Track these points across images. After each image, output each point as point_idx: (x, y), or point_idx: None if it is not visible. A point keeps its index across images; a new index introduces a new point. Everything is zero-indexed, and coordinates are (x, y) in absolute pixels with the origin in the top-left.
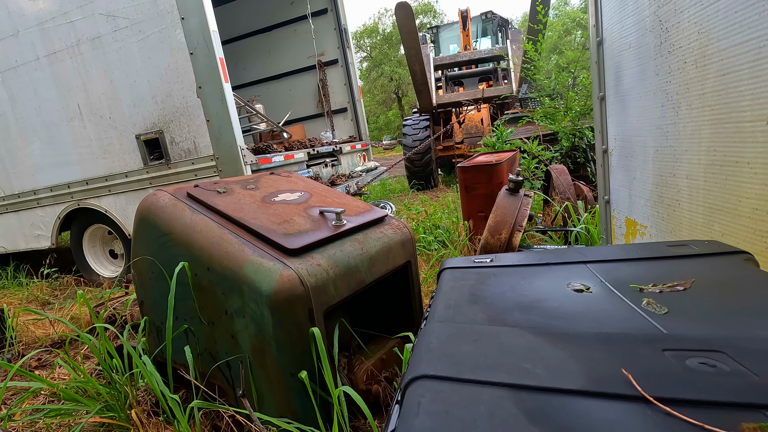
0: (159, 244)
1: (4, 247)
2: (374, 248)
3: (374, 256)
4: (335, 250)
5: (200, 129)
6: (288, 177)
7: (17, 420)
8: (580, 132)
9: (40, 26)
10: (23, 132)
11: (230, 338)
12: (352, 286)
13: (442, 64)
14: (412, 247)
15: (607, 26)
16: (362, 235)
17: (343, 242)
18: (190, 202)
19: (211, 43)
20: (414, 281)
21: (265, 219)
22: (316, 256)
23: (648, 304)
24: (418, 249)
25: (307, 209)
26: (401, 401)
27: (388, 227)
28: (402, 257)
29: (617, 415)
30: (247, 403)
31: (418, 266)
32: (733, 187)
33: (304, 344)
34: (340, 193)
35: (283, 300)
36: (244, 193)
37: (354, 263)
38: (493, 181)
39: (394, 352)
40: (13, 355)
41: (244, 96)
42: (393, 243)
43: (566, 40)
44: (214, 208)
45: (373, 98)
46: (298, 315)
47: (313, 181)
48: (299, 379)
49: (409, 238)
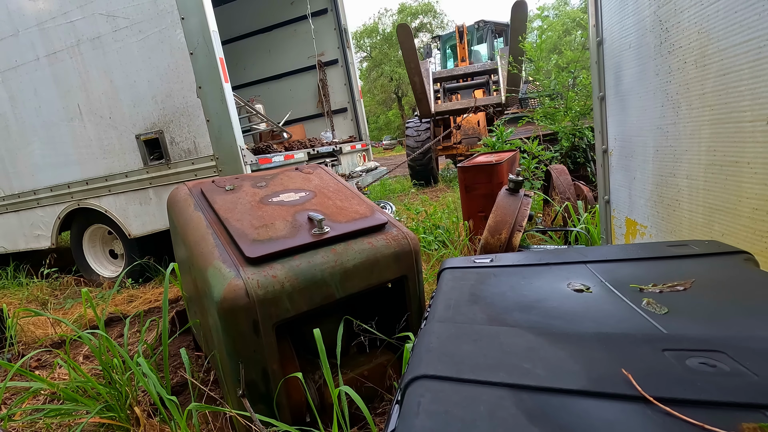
0: (174, 237)
1: (4, 247)
2: (353, 261)
3: (350, 269)
4: (302, 260)
5: (200, 129)
6: (308, 174)
7: (17, 420)
8: (580, 132)
9: (40, 26)
10: (23, 132)
11: (211, 336)
12: (315, 300)
13: (440, 77)
14: (412, 261)
15: (607, 26)
16: (343, 245)
17: (316, 252)
18: (198, 197)
19: (211, 43)
20: (411, 297)
21: (247, 222)
22: (275, 266)
23: (648, 304)
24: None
25: (298, 213)
26: (401, 401)
27: (381, 237)
28: (394, 271)
29: (617, 415)
30: (247, 403)
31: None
32: (733, 187)
33: (248, 353)
34: (351, 194)
35: (227, 309)
36: (249, 191)
37: (320, 276)
38: (493, 181)
39: (380, 367)
40: (13, 355)
41: (244, 96)
42: (381, 255)
43: (566, 40)
44: (212, 206)
45: (373, 98)
46: (241, 325)
47: (332, 178)
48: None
49: (407, 251)
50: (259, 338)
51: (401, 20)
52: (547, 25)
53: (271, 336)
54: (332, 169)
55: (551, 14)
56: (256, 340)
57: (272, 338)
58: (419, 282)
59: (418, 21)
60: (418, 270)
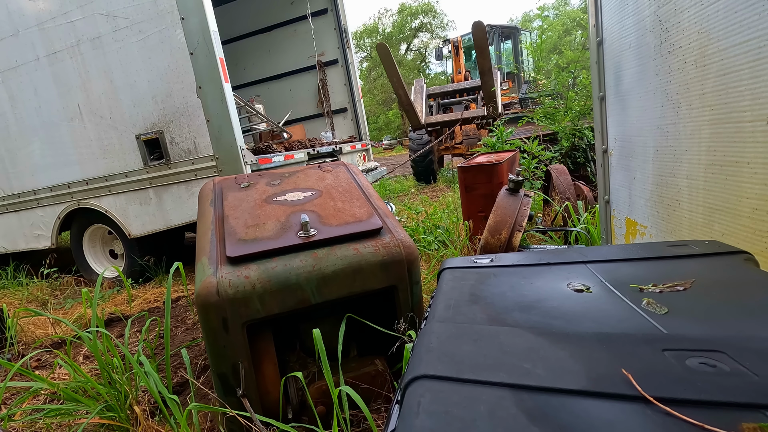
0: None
1: (4, 247)
2: (333, 266)
3: (329, 275)
4: (279, 263)
5: (200, 129)
6: (326, 172)
7: (17, 420)
8: (580, 132)
9: (40, 26)
10: (23, 132)
11: None
12: (288, 303)
13: (433, 93)
14: (403, 271)
15: (607, 26)
16: (326, 250)
17: (296, 256)
18: (217, 193)
19: (211, 43)
20: (402, 309)
21: (242, 220)
22: (251, 267)
23: (648, 304)
24: (418, 249)
25: (294, 213)
26: (401, 401)
27: (369, 243)
28: (381, 281)
29: (617, 415)
30: (247, 403)
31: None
32: (733, 187)
33: (218, 348)
34: (357, 196)
35: (200, 305)
36: (260, 189)
37: (295, 280)
38: (493, 181)
39: (367, 375)
40: (13, 355)
41: (244, 96)
42: (366, 263)
43: (566, 40)
44: (222, 202)
45: (373, 98)
46: (212, 321)
47: (349, 177)
48: (217, 377)
49: (398, 260)
50: (228, 335)
51: (401, 20)
52: (547, 25)
53: (240, 334)
54: (358, 167)
55: (551, 14)
56: (226, 337)
57: (241, 336)
58: (413, 293)
59: (418, 21)
60: (412, 281)
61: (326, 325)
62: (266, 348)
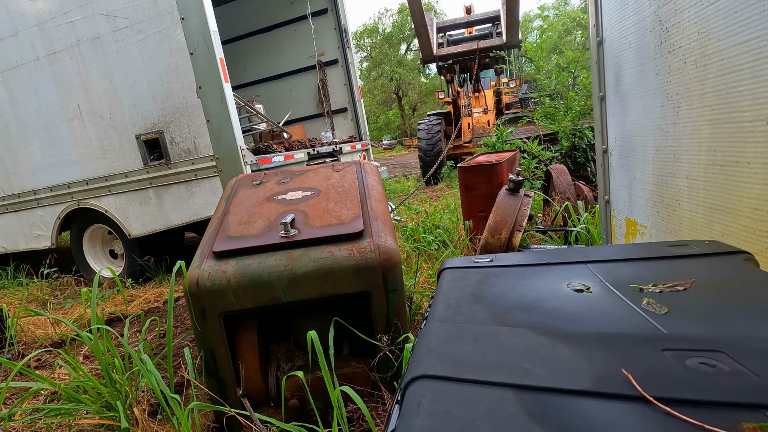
0: None
1: (4, 247)
2: (305, 268)
3: (300, 276)
4: (255, 261)
5: (200, 129)
6: (336, 171)
7: (17, 420)
8: (580, 132)
9: (40, 26)
10: (23, 132)
11: None
12: (260, 299)
13: (443, 26)
14: (377, 277)
15: (607, 26)
16: (302, 251)
17: (272, 255)
18: (234, 189)
19: (211, 43)
20: (377, 315)
21: (238, 218)
22: (230, 263)
23: (648, 304)
24: (418, 249)
25: (286, 213)
26: (401, 401)
27: (345, 247)
28: (353, 285)
29: (617, 415)
30: (247, 402)
31: (403, 281)
32: (733, 187)
33: (198, 334)
34: (352, 197)
35: (186, 293)
36: (268, 187)
37: (267, 278)
38: (493, 181)
39: (344, 376)
40: (13, 355)
41: (244, 96)
42: (339, 267)
43: (566, 40)
44: (232, 198)
45: (373, 98)
46: (194, 309)
47: (355, 177)
48: (203, 358)
49: (371, 266)
50: (206, 323)
51: (401, 20)
52: (548, 25)
53: (216, 323)
54: (376, 166)
55: (551, 14)
56: (204, 324)
57: (218, 325)
58: (389, 300)
59: None
60: (388, 288)
61: (318, 322)
62: (249, 337)
